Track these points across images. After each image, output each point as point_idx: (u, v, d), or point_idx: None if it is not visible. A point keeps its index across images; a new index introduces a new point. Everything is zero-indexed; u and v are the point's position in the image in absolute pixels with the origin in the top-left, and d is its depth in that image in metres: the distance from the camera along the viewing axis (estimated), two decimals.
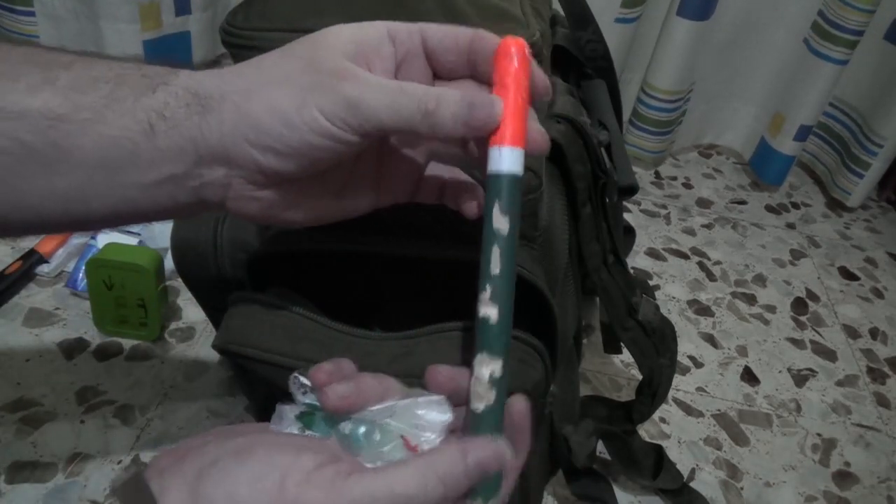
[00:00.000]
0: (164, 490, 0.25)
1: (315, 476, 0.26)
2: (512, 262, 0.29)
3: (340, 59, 0.28)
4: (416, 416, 0.29)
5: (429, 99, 0.28)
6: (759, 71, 1.11)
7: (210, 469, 0.26)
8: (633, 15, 1.02)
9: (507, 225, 0.29)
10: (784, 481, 0.70)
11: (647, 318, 0.57)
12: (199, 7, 1.11)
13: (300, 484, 0.25)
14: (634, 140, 1.12)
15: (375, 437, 0.28)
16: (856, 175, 1.09)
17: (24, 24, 1.11)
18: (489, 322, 0.29)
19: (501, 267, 0.29)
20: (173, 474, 0.26)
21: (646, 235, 1.02)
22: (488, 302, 0.29)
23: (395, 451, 0.28)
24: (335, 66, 0.28)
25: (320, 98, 0.27)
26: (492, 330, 0.29)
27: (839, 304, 0.95)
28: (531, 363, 0.41)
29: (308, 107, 0.27)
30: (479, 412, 0.29)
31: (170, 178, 0.29)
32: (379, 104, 0.27)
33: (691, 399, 0.77)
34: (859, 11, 0.95)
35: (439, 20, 0.38)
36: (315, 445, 0.28)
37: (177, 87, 0.28)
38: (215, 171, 0.29)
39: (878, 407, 0.80)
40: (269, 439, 0.28)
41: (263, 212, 0.31)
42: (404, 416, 0.29)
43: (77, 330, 0.73)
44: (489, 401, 0.29)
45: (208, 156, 0.28)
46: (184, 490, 0.25)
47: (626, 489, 0.66)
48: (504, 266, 0.29)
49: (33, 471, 0.60)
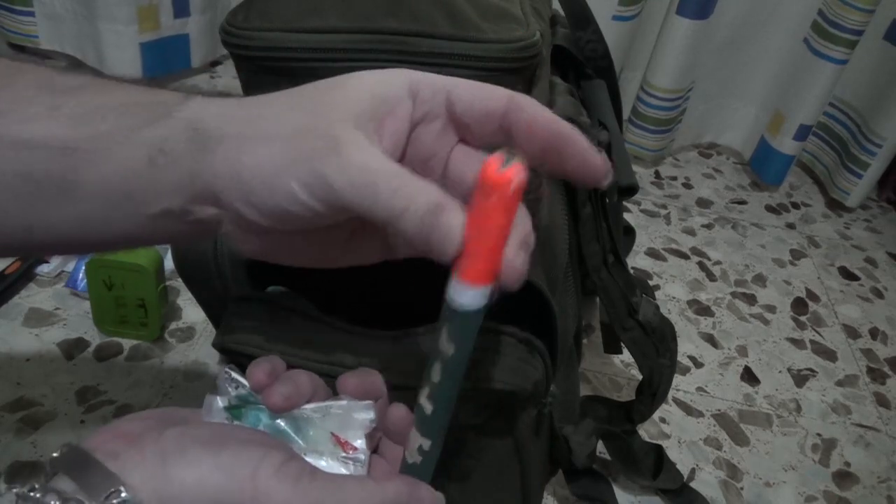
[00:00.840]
0: (126, 471, 0.25)
1: (283, 471, 0.27)
2: (454, 381, 0.29)
3: (344, 122, 0.26)
4: (346, 416, 0.32)
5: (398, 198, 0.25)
6: (759, 70, 1.11)
7: (177, 456, 0.26)
8: (631, 13, 1.02)
9: (452, 351, 0.28)
10: (784, 481, 0.70)
11: (647, 318, 0.57)
12: (198, 10, 1.11)
13: (270, 477, 0.26)
14: (634, 138, 1.12)
15: (309, 432, 0.31)
16: (855, 175, 1.09)
17: (23, 24, 1.11)
18: (424, 412, 0.30)
19: (441, 378, 0.29)
20: (132, 457, 0.26)
21: (646, 235, 1.02)
22: (426, 398, 0.29)
23: (325, 445, 0.32)
24: (333, 134, 0.26)
25: (300, 168, 0.26)
26: (426, 418, 0.30)
27: (839, 304, 0.95)
28: (531, 363, 0.42)
29: (286, 175, 0.26)
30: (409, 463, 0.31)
31: (167, 212, 0.28)
32: (344, 188, 0.25)
33: (691, 399, 0.77)
34: (859, 11, 0.95)
35: (439, 20, 0.38)
36: (277, 444, 0.29)
37: (180, 119, 0.27)
38: (207, 210, 0.28)
39: (878, 407, 0.80)
40: (238, 434, 0.29)
41: (259, 253, 0.31)
42: (336, 415, 0.32)
43: (77, 330, 0.73)
44: (417, 461, 0.31)
45: (202, 193, 0.28)
46: (149, 471, 0.25)
47: (626, 489, 0.66)
48: (444, 379, 0.29)
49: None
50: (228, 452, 0.27)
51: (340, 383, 0.33)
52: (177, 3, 1.08)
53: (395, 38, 0.37)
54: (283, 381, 0.31)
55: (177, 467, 0.26)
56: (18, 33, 1.12)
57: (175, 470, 0.26)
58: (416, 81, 0.28)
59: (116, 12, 1.03)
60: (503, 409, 0.43)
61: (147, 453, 0.26)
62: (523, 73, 0.40)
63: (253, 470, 0.26)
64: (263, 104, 0.28)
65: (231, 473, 0.26)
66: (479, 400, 0.42)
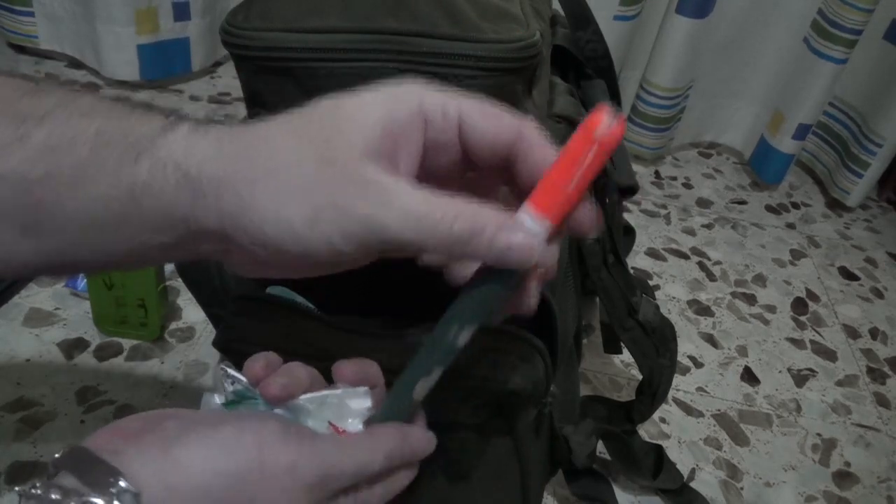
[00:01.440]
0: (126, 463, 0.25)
1: (285, 435, 0.27)
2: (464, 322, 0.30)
3: (360, 156, 0.25)
4: (342, 405, 0.32)
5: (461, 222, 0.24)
6: (759, 69, 1.11)
7: (180, 440, 0.26)
8: (631, 13, 1.03)
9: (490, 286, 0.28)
10: (784, 481, 0.70)
11: (647, 318, 0.57)
12: (198, 13, 1.10)
13: (274, 443, 0.27)
14: (634, 137, 1.12)
15: (306, 422, 0.31)
16: (855, 175, 1.09)
17: (23, 24, 1.11)
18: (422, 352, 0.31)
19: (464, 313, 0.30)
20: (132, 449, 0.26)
21: (646, 235, 1.02)
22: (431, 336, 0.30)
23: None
24: (353, 172, 0.25)
25: (336, 217, 0.24)
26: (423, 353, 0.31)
27: (839, 304, 0.95)
28: (531, 362, 0.42)
29: (321, 225, 0.25)
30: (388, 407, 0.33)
31: (160, 244, 0.27)
32: (402, 228, 0.24)
33: (691, 399, 0.77)
34: (859, 11, 0.95)
35: (439, 20, 0.38)
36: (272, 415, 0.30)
37: (164, 158, 0.25)
38: (211, 244, 0.27)
39: (878, 407, 0.80)
40: (234, 415, 0.29)
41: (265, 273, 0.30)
42: (332, 404, 0.32)
43: (77, 330, 0.73)
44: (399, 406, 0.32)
45: (202, 234, 0.26)
46: (151, 460, 0.25)
47: (626, 489, 0.66)
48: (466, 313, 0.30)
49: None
50: (229, 427, 0.27)
51: (336, 370, 0.33)
52: (177, 7, 1.08)
53: (395, 38, 0.37)
54: (281, 372, 0.31)
55: (180, 450, 0.26)
56: (18, 33, 1.12)
57: (179, 452, 0.26)
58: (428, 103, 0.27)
59: (114, 14, 1.03)
60: (503, 409, 0.43)
61: (147, 444, 0.26)
62: (523, 73, 0.40)
63: (256, 437, 0.27)
64: (262, 136, 0.26)
65: (235, 445, 0.26)
66: (479, 400, 0.42)
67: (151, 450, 0.26)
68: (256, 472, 0.26)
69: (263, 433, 0.27)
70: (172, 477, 0.25)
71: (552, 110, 0.49)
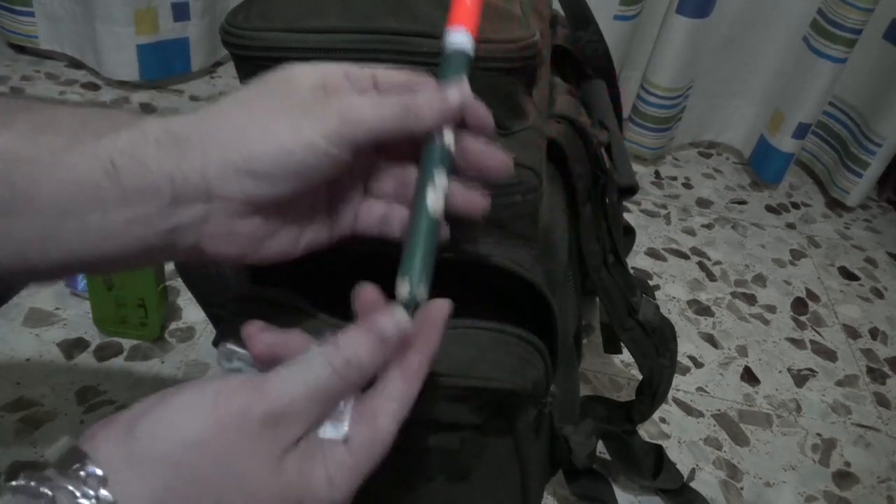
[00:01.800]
0: (95, 446, 0.25)
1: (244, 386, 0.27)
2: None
3: (314, 88, 0.30)
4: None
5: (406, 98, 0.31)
6: (759, 69, 1.12)
7: (143, 415, 0.26)
8: (632, 12, 1.03)
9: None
10: (784, 481, 0.70)
11: (647, 318, 0.57)
12: (198, 13, 1.10)
13: (229, 395, 0.26)
14: (634, 137, 1.12)
15: None
16: (854, 174, 1.09)
17: (23, 24, 1.11)
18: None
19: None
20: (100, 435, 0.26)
21: (646, 235, 1.02)
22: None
23: None
24: (315, 94, 0.30)
25: (315, 121, 0.29)
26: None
27: (839, 304, 0.95)
28: (531, 362, 0.42)
29: (304, 130, 0.29)
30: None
31: (138, 219, 0.28)
32: (368, 114, 0.29)
33: (691, 399, 0.77)
34: (858, 10, 0.95)
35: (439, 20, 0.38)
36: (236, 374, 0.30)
37: (144, 127, 0.28)
38: (192, 209, 0.29)
39: (878, 407, 0.80)
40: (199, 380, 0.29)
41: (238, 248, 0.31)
42: None
43: (77, 330, 0.73)
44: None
45: (186, 193, 0.28)
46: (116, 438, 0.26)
47: (626, 489, 0.66)
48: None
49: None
50: (187, 392, 0.27)
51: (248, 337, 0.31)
52: (176, 7, 1.08)
53: (395, 38, 0.37)
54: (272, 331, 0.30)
55: (144, 423, 0.26)
56: (18, 33, 1.12)
57: (143, 426, 0.26)
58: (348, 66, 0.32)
59: (114, 14, 1.03)
60: (503, 408, 0.43)
61: (114, 425, 0.26)
62: (523, 73, 0.40)
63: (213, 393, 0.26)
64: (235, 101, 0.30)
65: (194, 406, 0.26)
66: (479, 399, 0.42)
67: (118, 430, 0.26)
68: (213, 427, 0.26)
69: (222, 388, 0.27)
70: (136, 453, 0.25)
71: (552, 110, 0.49)
